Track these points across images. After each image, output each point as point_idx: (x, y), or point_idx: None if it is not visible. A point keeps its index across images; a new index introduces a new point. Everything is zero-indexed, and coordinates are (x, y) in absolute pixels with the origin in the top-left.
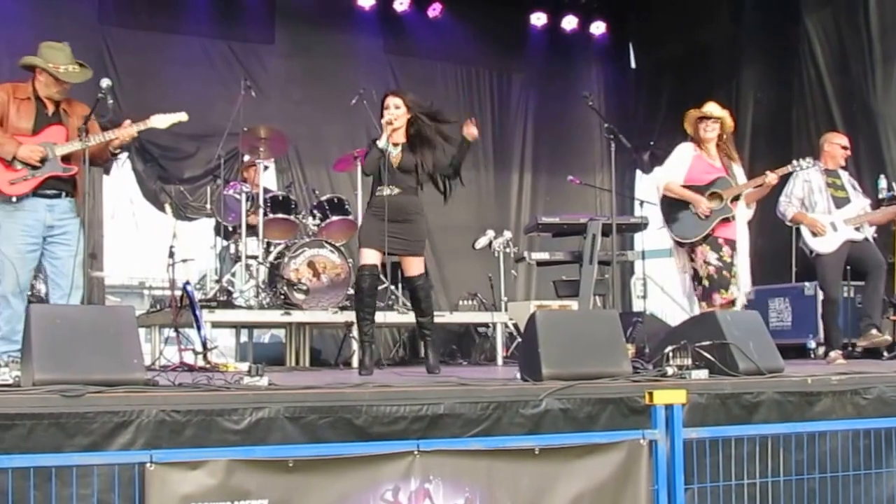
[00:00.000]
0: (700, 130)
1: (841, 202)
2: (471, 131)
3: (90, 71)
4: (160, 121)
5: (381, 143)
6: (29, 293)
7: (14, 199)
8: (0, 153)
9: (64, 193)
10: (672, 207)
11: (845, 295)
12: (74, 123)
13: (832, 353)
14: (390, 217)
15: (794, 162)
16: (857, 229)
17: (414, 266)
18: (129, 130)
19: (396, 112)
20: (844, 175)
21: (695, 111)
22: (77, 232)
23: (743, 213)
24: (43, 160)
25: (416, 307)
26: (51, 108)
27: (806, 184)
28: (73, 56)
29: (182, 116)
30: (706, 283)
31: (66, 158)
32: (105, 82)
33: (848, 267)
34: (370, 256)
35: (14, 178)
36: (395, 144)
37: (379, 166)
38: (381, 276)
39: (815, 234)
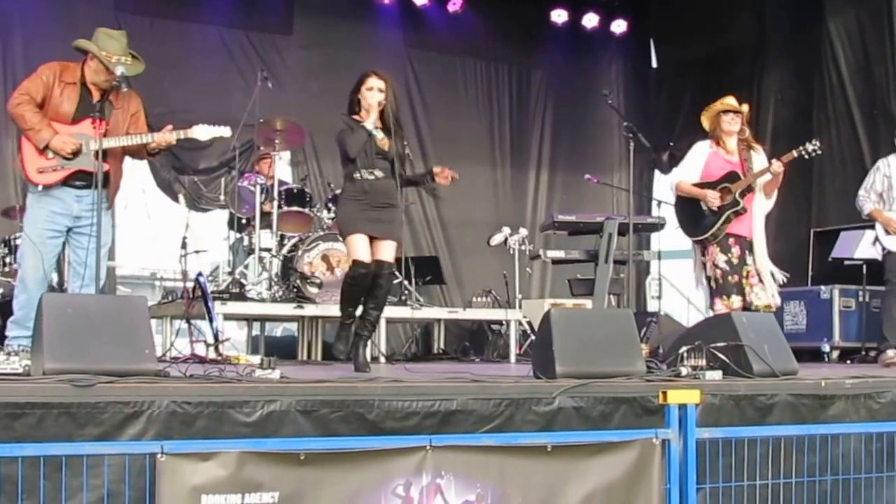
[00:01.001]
0: (723, 123)
1: None
2: (443, 180)
3: (142, 64)
4: (202, 132)
5: (368, 125)
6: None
7: (40, 188)
8: (34, 139)
9: (94, 185)
10: (684, 207)
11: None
12: (119, 116)
13: (889, 352)
14: (376, 202)
15: (801, 147)
16: None
17: (389, 251)
18: (167, 136)
19: (379, 96)
20: None
21: (717, 104)
22: (106, 224)
23: (762, 205)
24: (76, 153)
25: (373, 298)
26: (96, 97)
27: (886, 179)
28: (129, 46)
29: (225, 132)
30: (712, 285)
31: (102, 153)
32: (119, 70)
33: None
34: (363, 247)
35: (44, 166)
36: (377, 128)
37: (364, 149)
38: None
39: (888, 233)
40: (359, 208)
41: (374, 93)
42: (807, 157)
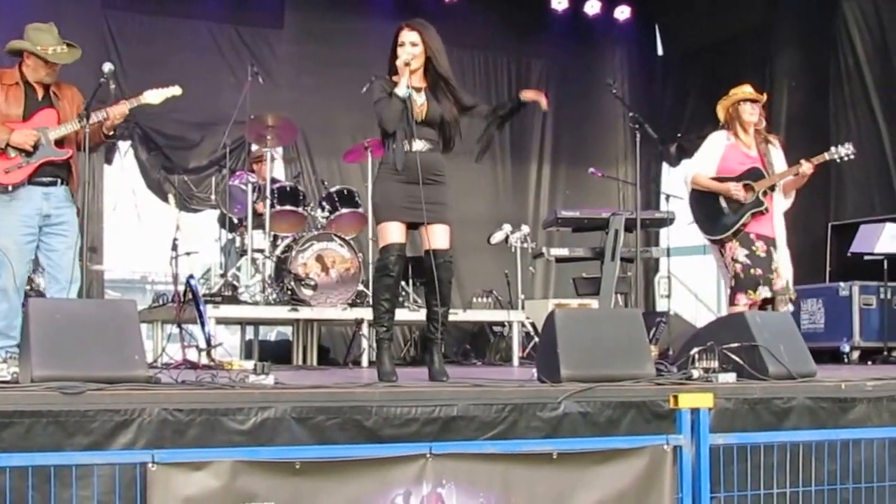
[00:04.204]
0: (743, 114)
1: None
2: (539, 98)
3: (79, 50)
4: (153, 96)
5: (401, 92)
6: (27, 287)
7: (10, 188)
8: None
9: (60, 181)
10: (700, 202)
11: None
12: (66, 107)
13: None
14: (419, 178)
15: (833, 149)
16: None
17: (441, 237)
18: (119, 108)
19: (413, 50)
20: None
21: (737, 93)
22: (74, 222)
23: (781, 203)
24: (36, 146)
25: (432, 292)
26: (41, 93)
27: None
28: (61, 36)
29: (175, 90)
30: (733, 282)
31: (60, 143)
32: (107, 66)
33: None
34: (397, 233)
35: (8, 166)
36: (417, 90)
37: (403, 118)
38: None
39: None
40: (397, 188)
41: (405, 49)
42: (839, 160)
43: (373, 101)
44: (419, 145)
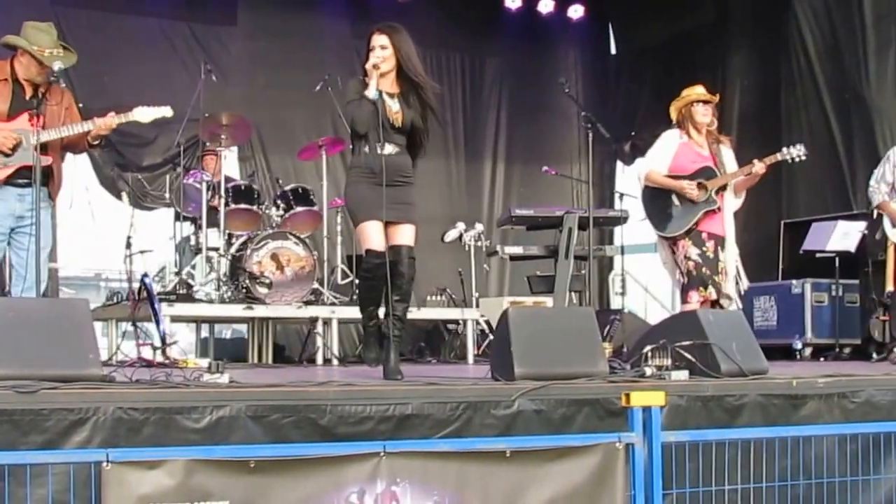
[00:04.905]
0: (696, 115)
1: None
2: None
3: (75, 55)
4: (143, 114)
5: (370, 94)
6: None
7: None
8: None
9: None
10: (653, 199)
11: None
12: (54, 110)
13: None
14: (388, 180)
15: (785, 150)
16: None
17: (409, 235)
18: (108, 121)
19: (382, 53)
20: None
21: (690, 94)
22: (49, 224)
23: (731, 202)
24: (16, 148)
25: (395, 289)
26: (29, 92)
27: None
28: (59, 38)
29: (167, 111)
30: (685, 279)
31: (42, 147)
32: (57, 65)
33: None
34: (377, 234)
35: None
36: (390, 95)
37: (373, 121)
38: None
39: (895, 226)
40: (368, 189)
41: (375, 52)
42: (790, 161)
43: (346, 100)
44: (389, 149)
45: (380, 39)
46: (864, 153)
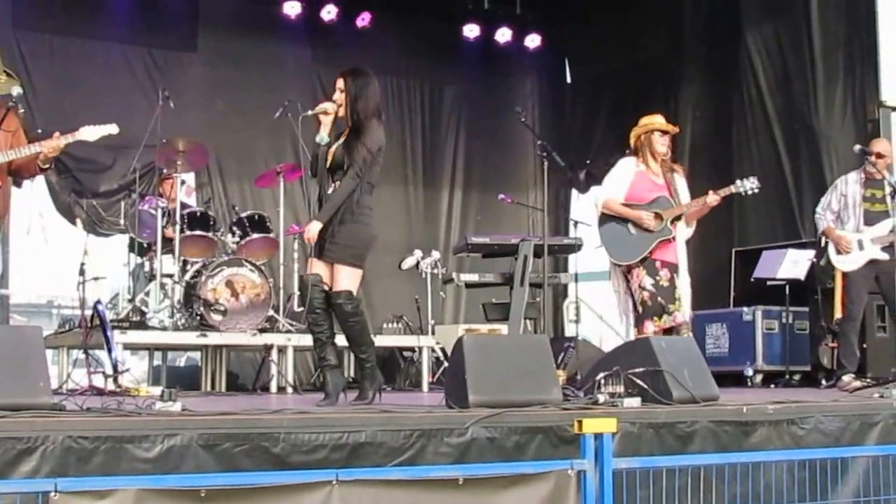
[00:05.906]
0: (655, 144)
1: (875, 218)
2: None
3: (17, 81)
4: (89, 133)
5: (317, 138)
6: None
7: None
8: None
9: None
10: (609, 227)
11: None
12: (0, 135)
13: (845, 378)
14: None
15: (738, 182)
16: (886, 248)
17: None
18: (55, 142)
19: (337, 97)
20: (889, 188)
21: (650, 122)
22: None
23: (683, 231)
24: None
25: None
26: None
27: (843, 197)
28: (2, 64)
29: (112, 129)
30: (640, 308)
31: None
32: (16, 90)
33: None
34: (313, 264)
35: None
36: (340, 134)
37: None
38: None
39: (839, 252)
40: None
41: (334, 95)
42: (744, 194)
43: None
44: (331, 189)
45: (339, 83)
46: (812, 182)
